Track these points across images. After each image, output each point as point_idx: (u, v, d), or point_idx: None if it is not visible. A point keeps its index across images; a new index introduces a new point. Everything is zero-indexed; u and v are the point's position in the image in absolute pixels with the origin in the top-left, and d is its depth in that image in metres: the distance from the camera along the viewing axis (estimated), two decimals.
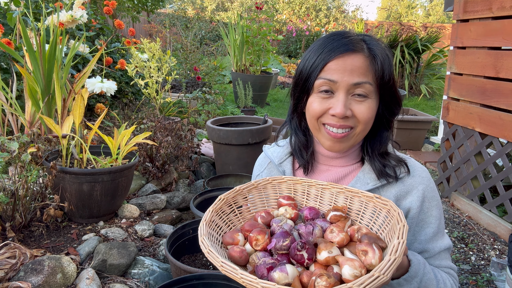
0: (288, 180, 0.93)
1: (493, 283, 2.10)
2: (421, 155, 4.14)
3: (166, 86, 3.55)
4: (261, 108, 5.79)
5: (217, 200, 0.83)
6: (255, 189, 0.91)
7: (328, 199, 0.89)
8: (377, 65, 0.85)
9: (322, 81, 0.86)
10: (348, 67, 0.84)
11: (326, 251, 0.68)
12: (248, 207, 0.90)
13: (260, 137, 2.95)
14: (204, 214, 0.78)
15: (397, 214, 0.72)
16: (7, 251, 1.62)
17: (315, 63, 0.87)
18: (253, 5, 6.18)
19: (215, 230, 0.79)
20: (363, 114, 0.85)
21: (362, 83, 0.84)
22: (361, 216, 0.84)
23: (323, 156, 0.99)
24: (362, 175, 0.94)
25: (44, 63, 2.23)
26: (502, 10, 2.48)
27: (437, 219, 0.93)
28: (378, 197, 0.80)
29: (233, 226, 0.86)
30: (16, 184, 1.77)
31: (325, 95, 0.87)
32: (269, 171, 1.07)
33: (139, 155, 2.62)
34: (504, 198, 2.52)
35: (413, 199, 0.91)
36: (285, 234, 0.72)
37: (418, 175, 0.93)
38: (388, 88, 0.88)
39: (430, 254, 0.93)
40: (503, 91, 2.49)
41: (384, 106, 0.91)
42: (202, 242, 0.69)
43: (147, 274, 1.73)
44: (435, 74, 7.12)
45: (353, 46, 0.85)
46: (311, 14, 16.83)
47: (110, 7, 3.37)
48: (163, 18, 12.25)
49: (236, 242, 0.76)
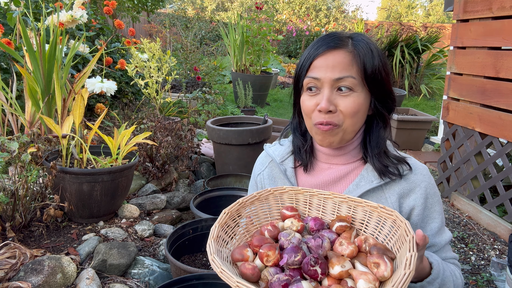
0: (289, 190, 0.92)
1: (493, 283, 2.10)
2: (421, 155, 4.14)
3: (166, 86, 3.55)
4: (261, 108, 5.79)
5: (222, 215, 0.82)
6: (257, 201, 0.90)
7: (331, 209, 0.89)
8: (358, 58, 0.88)
9: (308, 79, 0.90)
10: (330, 64, 0.87)
11: (339, 265, 0.69)
12: (251, 219, 0.89)
13: (260, 137, 2.95)
14: (211, 230, 0.77)
15: (404, 224, 0.72)
16: (7, 251, 1.62)
17: (303, 63, 0.92)
18: (253, 5, 6.18)
19: (222, 245, 0.79)
20: (347, 107, 0.88)
21: (344, 77, 0.87)
22: (366, 226, 0.84)
23: (323, 154, 1.00)
24: (366, 173, 0.95)
25: (44, 63, 2.23)
26: (502, 10, 2.48)
27: (440, 214, 0.96)
28: (383, 207, 0.80)
29: (239, 241, 0.85)
30: (16, 184, 1.77)
31: (311, 93, 0.91)
32: (271, 170, 1.07)
33: (139, 155, 2.62)
34: (504, 198, 2.52)
35: (417, 196, 0.93)
36: (296, 249, 0.72)
37: (420, 172, 0.95)
38: (374, 81, 0.90)
39: (437, 248, 0.96)
40: (503, 91, 2.49)
41: (376, 100, 0.92)
42: (213, 261, 0.68)
43: (147, 274, 1.73)
44: (435, 74, 7.12)
45: (335, 43, 0.89)
46: (311, 14, 16.83)
47: (110, 7, 3.37)
48: (163, 18, 12.25)
49: (246, 259, 0.75)
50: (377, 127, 0.96)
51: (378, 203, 0.92)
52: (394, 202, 0.93)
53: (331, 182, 0.98)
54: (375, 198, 0.94)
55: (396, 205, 0.93)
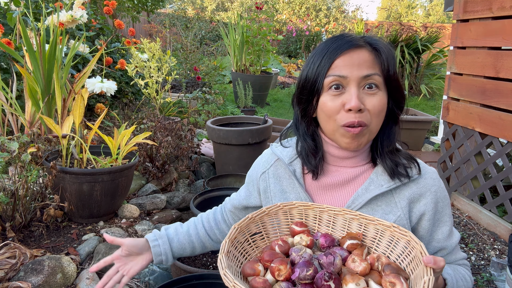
0: (299, 205, 0.91)
1: (493, 283, 2.11)
2: (421, 155, 4.14)
3: (166, 86, 3.55)
4: (261, 108, 5.79)
5: (232, 230, 0.81)
6: (267, 216, 0.90)
7: (341, 225, 0.88)
8: (382, 58, 0.87)
9: (332, 78, 0.86)
10: (356, 62, 0.85)
11: (354, 283, 0.69)
12: (261, 234, 0.89)
13: (260, 137, 2.95)
14: (221, 245, 0.77)
15: (420, 246, 0.72)
16: (7, 251, 1.62)
17: (321, 64, 0.87)
18: (253, 5, 6.18)
19: (233, 261, 0.79)
20: (375, 106, 0.86)
21: (371, 75, 0.85)
22: (377, 244, 0.83)
23: (332, 157, 0.97)
24: (375, 176, 0.93)
25: (44, 63, 2.23)
26: (502, 10, 2.48)
27: (450, 217, 0.95)
28: (396, 226, 0.80)
29: (248, 256, 0.85)
30: (16, 184, 1.77)
31: (336, 92, 0.86)
32: (276, 169, 1.03)
33: (139, 155, 2.62)
34: (504, 198, 2.52)
35: (427, 201, 0.91)
36: (308, 264, 0.72)
37: (430, 177, 0.94)
38: (394, 81, 0.90)
39: (448, 251, 0.96)
40: (503, 91, 2.49)
41: (392, 100, 0.92)
42: (225, 275, 0.68)
43: (147, 274, 1.73)
44: (435, 74, 7.12)
45: (356, 42, 0.87)
46: (311, 14, 16.83)
47: (110, 7, 3.37)
48: (163, 18, 12.25)
49: (257, 273, 0.75)
50: (389, 125, 0.95)
51: (388, 207, 0.91)
52: (404, 207, 0.91)
53: (339, 185, 0.96)
54: (385, 202, 0.92)
55: (406, 210, 0.91)
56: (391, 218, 0.91)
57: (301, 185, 0.98)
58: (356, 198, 0.92)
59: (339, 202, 0.96)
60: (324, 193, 0.98)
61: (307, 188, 0.99)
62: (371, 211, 0.92)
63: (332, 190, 0.97)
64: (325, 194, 0.98)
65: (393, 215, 0.91)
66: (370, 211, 0.92)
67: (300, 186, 0.98)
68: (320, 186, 0.98)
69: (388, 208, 0.91)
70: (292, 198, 0.99)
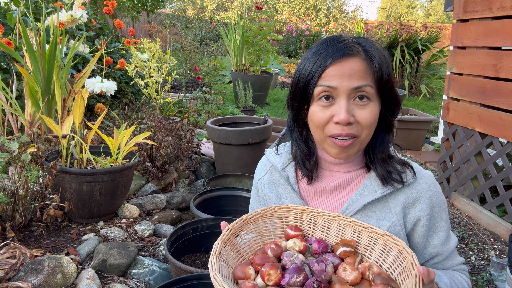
0: (294, 209, 0.91)
1: (493, 283, 2.10)
2: (421, 155, 4.14)
3: (166, 86, 3.55)
4: (261, 108, 5.79)
5: (225, 231, 0.81)
6: (261, 218, 0.89)
7: (335, 231, 0.88)
8: (375, 67, 0.84)
9: (321, 88, 0.84)
10: (347, 72, 0.82)
11: None
12: (254, 237, 0.89)
13: (260, 137, 2.95)
14: (213, 246, 0.76)
15: (411, 257, 0.72)
16: (7, 251, 1.62)
17: (312, 70, 0.85)
18: (253, 5, 6.18)
19: (225, 262, 0.78)
20: (366, 119, 0.84)
21: (362, 87, 0.82)
22: (370, 252, 0.83)
23: (326, 162, 0.96)
24: (369, 182, 0.92)
25: (44, 63, 2.23)
26: (502, 10, 2.48)
27: (446, 222, 0.93)
28: (389, 235, 0.79)
29: (241, 258, 0.84)
30: (16, 184, 1.77)
31: (325, 103, 0.84)
32: (271, 175, 1.04)
33: (139, 155, 2.62)
34: (504, 198, 2.52)
35: (423, 207, 0.90)
36: (298, 270, 0.72)
37: (425, 181, 0.92)
38: (388, 89, 0.87)
39: (445, 256, 0.94)
40: (503, 91, 2.49)
41: (385, 108, 0.90)
42: (215, 278, 0.67)
43: (147, 274, 1.73)
44: (435, 74, 7.12)
45: (349, 50, 0.83)
46: (311, 14, 16.84)
47: (110, 7, 3.37)
48: (163, 18, 12.25)
49: (248, 277, 0.75)
50: (382, 132, 0.93)
51: (382, 213, 0.90)
52: (399, 213, 0.89)
53: (333, 190, 0.95)
54: (379, 208, 0.90)
55: (401, 216, 0.90)
56: (385, 224, 0.89)
57: (295, 191, 0.97)
58: (351, 204, 0.91)
59: (334, 207, 0.95)
60: (319, 198, 0.97)
61: (301, 193, 0.98)
62: (365, 217, 0.91)
63: (327, 195, 0.96)
64: (319, 199, 0.97)
65: (387, 221, 0.89)
66: (364, 217, 0.91)
67: (294, 192, 0.97)
68: (314, 191, 0.97)
69: (383, 214, 0.90)
70: (287, 203, 0.98)
